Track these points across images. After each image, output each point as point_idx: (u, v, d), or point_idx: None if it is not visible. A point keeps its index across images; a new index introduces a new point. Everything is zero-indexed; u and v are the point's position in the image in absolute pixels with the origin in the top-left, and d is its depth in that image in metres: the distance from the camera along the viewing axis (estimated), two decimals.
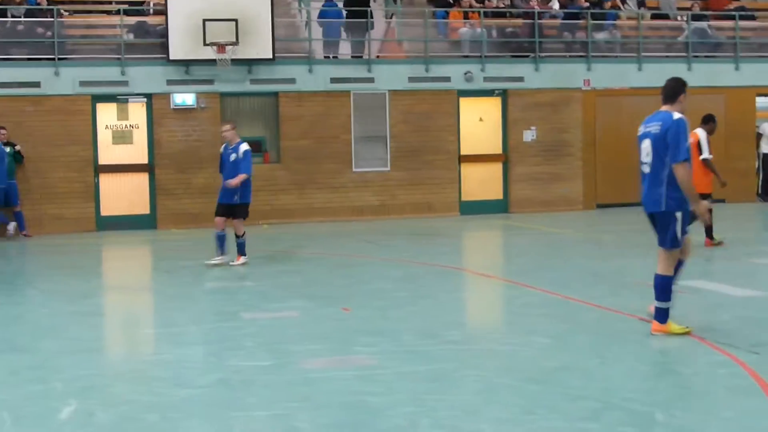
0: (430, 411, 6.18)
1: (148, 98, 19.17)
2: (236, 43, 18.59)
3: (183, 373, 7.40)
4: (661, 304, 8.06)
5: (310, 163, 19.81)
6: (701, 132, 13.60)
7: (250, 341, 8.48)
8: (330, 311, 9.87)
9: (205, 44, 18.52)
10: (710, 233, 14.00)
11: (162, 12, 19.24)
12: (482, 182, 20.99)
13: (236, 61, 18.86)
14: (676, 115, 7.97)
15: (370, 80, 20.15)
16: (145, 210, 19.23)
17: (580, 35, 21.69)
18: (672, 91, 8.15)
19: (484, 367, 7.40)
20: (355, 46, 20.73)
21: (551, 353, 7.73)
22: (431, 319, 9.32)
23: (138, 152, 19.22)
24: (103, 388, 7.04)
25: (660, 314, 8.09)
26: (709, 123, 13.89)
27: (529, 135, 20.98)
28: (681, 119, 7.95)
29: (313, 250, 15.36)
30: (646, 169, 8.09)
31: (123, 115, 19.16)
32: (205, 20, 18.51)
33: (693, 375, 7.18)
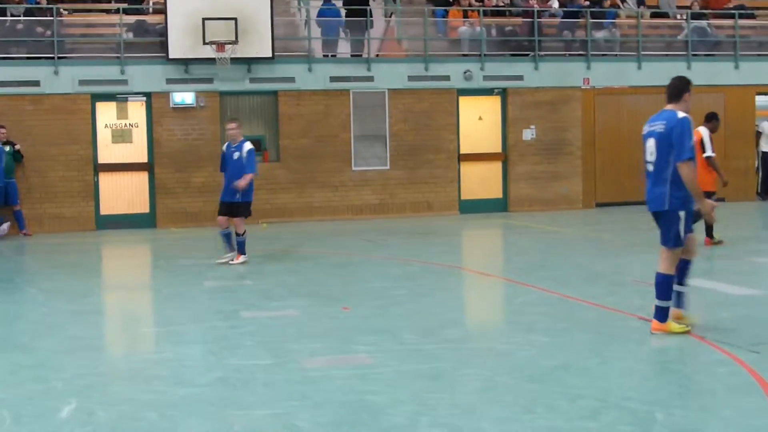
0: (429, 409, 6.19)
1: (147, 97, 19.17)
2: (235, 42, 18.58)
3: (183, 372, 7.41)
4: (660, 303, 8.06)
5: (309, 162, 19.82)
6: (704, 130, 13.60)
7: (250, 340, 8.48)
8: (330, 310, 9.88)
9: (205, 43, 18.52)
10: (710, 232, 14.00)
11: (161, 11, 19.24)
12: (482, 181, 20.99)
13: (235, 60, 18.86)
14: (680, 114, 7.98)
15: (370, 79, 20.15)
16: (144, 209, 19.24)
17: (579, 34, 21.69)
18: (677, 90, 8.16)
19: (484, 365, 7.40)
20: (355, 44, 20.72)
21: (550, 352, 7.74)
22: (431, 318, 9.32)
23: (137, 151, 19.22)
24: (102, 386, 7.05)
25: (660, 313, 8.08)
26: (712, 121, 13.89)
27: (528, 134, 20.98)
28: (685, 118, 7.96)
29: (312, 248, 15.36)
30: (651, 168, 8.10)
31: (122, 114, 19.17)
32: (204, 19, 18.51)
33: (693, 374, 7.19)
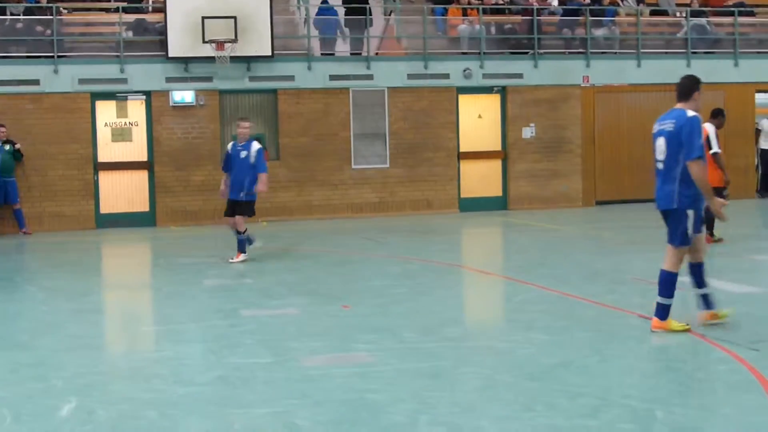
0: (429, 408, 6.19)
1: (147, 96, 19.16)
2: (235, 41, 18.57)
3: (182, 371, 7.41)
4: (662, 300, 8.08)
5: (309, 161, 19.81)
6: (710, 127, 13.56)
7: (250, 338, 8.49)
8: (329, 308, 9.88)
9: (204, 42, 18.51)
10: (711, 230, 14.00)
11: (161, 9, 19.24)
12: (481, 179, 20.98)
13: (235, 59, 18.85)
14: (689, 113, 8.01)
15: (369, 77, 20.14)
16: (144, 207, 19.23)
17: (579, 32, 21.68)
18: (686, 88, 8.19)
19: (484, 364, 7.40)
20: (354, 43, 20.71)
21: (550, 350, 7.74)
22: (431, 316, 9.32)
23: (137, 150, 19.22)
24: (102, 385, 7.05)
25: (660, 310, 8.10)
26: (718, 117, 13.90)
27: (528, 132, 20.97)
28: (695, 117, 7.98)
29: (312, 247, 15.36)
30: (660, 167, 8.12)
31: (122, 112, 19.16)
32: (204, 18, 18.50)
33: (693, 371, 7.19)
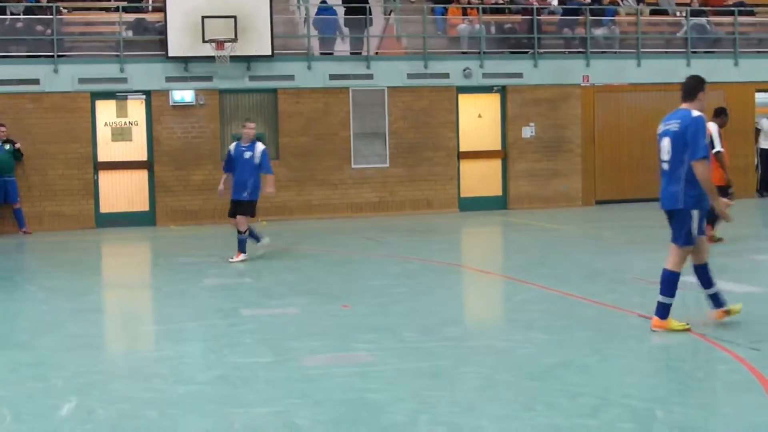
0: (429, 407, 6.19)
1: (147, 95, 19.16)
2: (235, 40, 18.57)
3: (183, 370, 7.41)
4: (663, 299, 8.08)
5: (308, 160, 19.80)
6: (713, 125, 13.55)
7: (250, 338, 8.49)
8: (329, 308, 9.88)
9: (204, 41, 18.51)
10: (712, 223, 13.97)
11: (161, 9, 19.23)
12: (481, 179, 20.98)
13: (235, 58, 18.84)
14: (694, 113, 8.03)
15: (369, 77, 20.14)
16: (144, 207, 19.23)
17: (578, 31, 21.68)
18: (691, 88, 8.22)
19: (484, 363, 7.40)
20: (354, 42, 20.71)
21: (550, 349, 7.74)
22: (430, 316, 9.32)
23: (137, 149, 19.21)
24: (102, 384, 7.05)
25: (661, 309, 8.10)
26: (721, 116, 13.91)
27: (527, 131, 20.97)
28: (700, 117, 8.00)
29: (312, 246, 15.36)
30: (665, 167, 8.13)
31: (122, 112, 19.16)
32: (203, 17, 18.50)
33: (693, 371, 7.18)
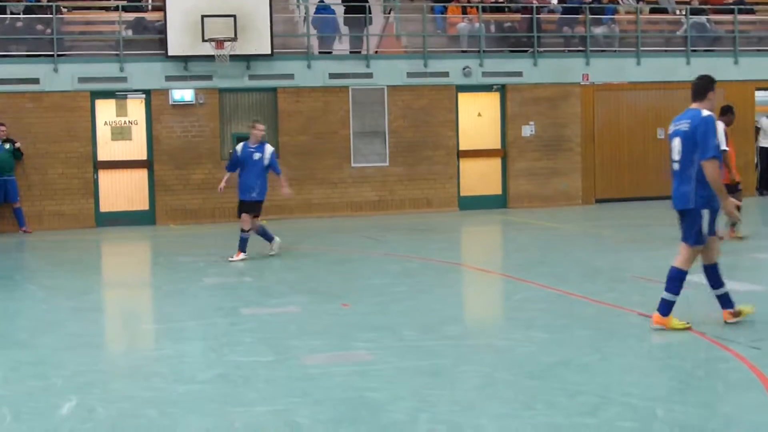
0: (429, 406, 6.19)
1: (146, 94, 19.15)
2: (234, 39, 18.56)
3: (183, 369, 7.41)
4: (667, 296, 8.09)
5: (308, 159, 19.80)
6: (720, 124, 13.53)
7: (250, 337, 8.49)
8: (329, 307, 9.88)
9: (204, 40, 18.50)
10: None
11: (160, 8, 19.23)
12: (481, 177, 20.98)
13: (234, 57, 18.84)
14: (704, 113, 8.02)
15: (369, 75, 20.13)
16: (144, 206, 19.22)
17: (578, 30, 21.68)
18: (701, 88, 8.21)
19: (483, 362, 7.41)
20: (354, 41, 20.71)
21: (550, 348, 7.74)
22: (430, 315, 9.32)
23: (137, 148, 19.21)
24: (102, 383, 7.06)
25: (663, 306, 8.11)
26: (727, 114, 13.91)
27: (527, 130, 20.96)
28: (710, 116, 8.00)
29: (312, 245, 15.36)
30: (676, 167, 8.14)
31: (122, 111, 19.15)
32: (203, 16, 18.49)
33: (693, 370, 7.18)
